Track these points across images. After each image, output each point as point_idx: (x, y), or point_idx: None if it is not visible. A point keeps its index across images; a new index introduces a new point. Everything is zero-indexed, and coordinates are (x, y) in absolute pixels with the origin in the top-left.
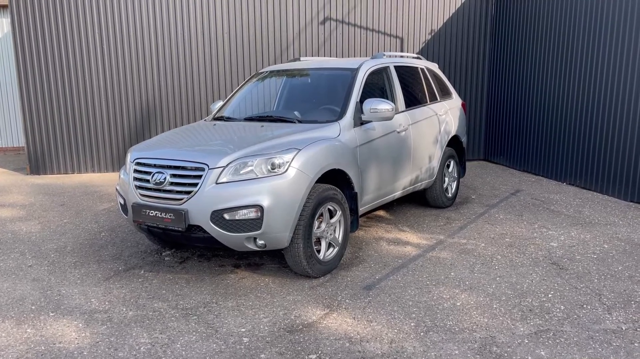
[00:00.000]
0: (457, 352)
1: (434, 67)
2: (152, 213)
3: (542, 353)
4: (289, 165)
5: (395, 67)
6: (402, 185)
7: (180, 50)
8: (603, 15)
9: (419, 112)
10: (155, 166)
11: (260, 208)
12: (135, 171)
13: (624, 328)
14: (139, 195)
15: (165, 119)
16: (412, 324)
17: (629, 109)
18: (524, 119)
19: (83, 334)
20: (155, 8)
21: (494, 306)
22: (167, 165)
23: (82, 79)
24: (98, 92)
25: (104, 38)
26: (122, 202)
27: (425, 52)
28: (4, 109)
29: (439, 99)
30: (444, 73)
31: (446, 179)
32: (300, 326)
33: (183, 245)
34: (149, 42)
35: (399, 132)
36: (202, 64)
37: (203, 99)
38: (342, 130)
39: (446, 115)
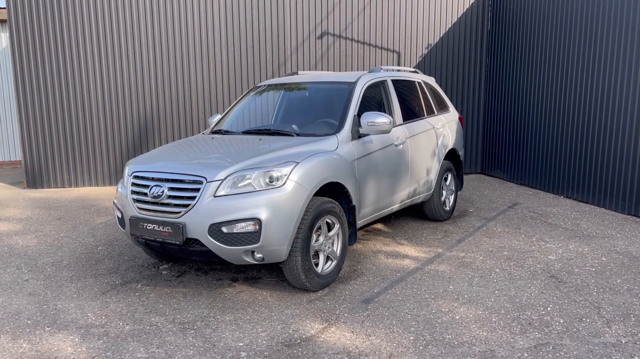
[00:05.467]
0: None
1: (431, 80)
2: (149, 226)
3: None
4: (287, 178)
5: (392, 80)
6: (400, 198)
7: (178, 64)
8: (599, 29)
9: (417, 125)
10: (153, 179)
11: (258, 221)
12: (133, 184)
13: (623, 341)
14: (137, 209)
15: (163, 133)
16: (411, 338)
17: (625, 122)
18: (520, 133)
19: (79, 349)
20: (154, 21)
21: (493, 319)
22: (165, 179)
23: (80, 93)
24: (96, 105)
25: (102, 52)
26: (120, 216)
27: (422, 66)
28: (1, 123)
29: (436, 113)
30: (441, 87)
31: (444, 192)
32: (299, 341)
33: (180, 259)
34: (147, 57)
35: (396, 145)
36: (200, 78)
37: (201, 113)
38: (340, 143)
39: (443, 128)
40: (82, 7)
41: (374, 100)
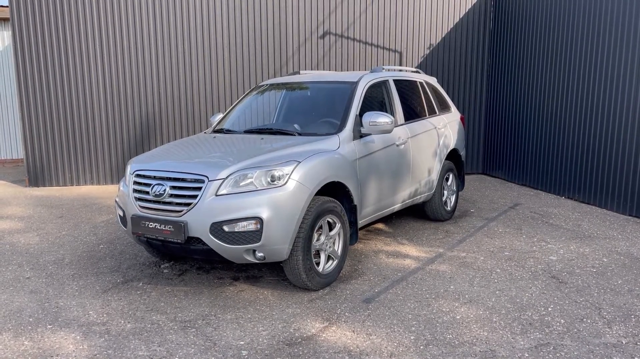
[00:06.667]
0: None
1: (433, 80)
2: (151, 225)
3: None
4: (289, 178)
5: (394, 80)
6: (402, 198)
7: (180, 63)
8: (601, 28)
9: (418, 125)
10: (155, 178)
11: (259, 220)
12: (135, 183)
13: (624, 342)
14: (139, 207)
15: (165, 132)
16: (411, 337)
17: (627, 122)
18: (522, 133)
19: (81, 347)
20: (156, 20)
21: (494, 319)
22: (167, 177)
23: (82, 91)
24: (98, 104)
25: (105, 51)
26: (122, 214)
27: (424, 66)
28: (4, 121)
29: (437, 113)
30: (442, 87)
31: (445, 192)
32: (300, 339)
33: (182, 257)
34: (150, 55)
35: (398, 145)
36: (202, 77)
37: (203, 112)
38: (342, 143)
39: (445, 128)
40: (85, 6)
41: (375, 100)
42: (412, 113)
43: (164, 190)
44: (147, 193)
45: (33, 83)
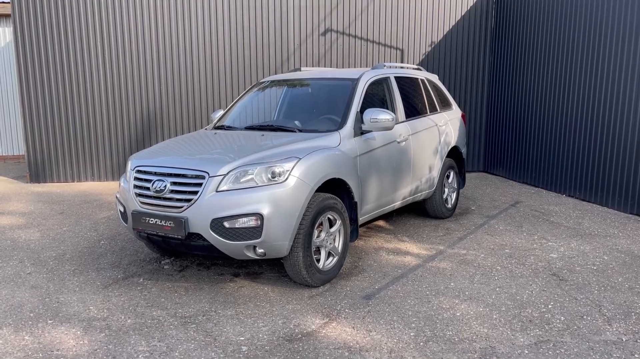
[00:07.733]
0: None
1: (434, 78)
2: (152, 220)
3: None
4: (289, 174)
5: (395, 77)
6: (402, 195)
7: (181, 60)
8: (604, 25)
9: (419, 122)
10: (155, 174)
11: (260, 216)
12: (136, 179)
13: (624, 339)
14: (139, 203)
15: (166, 128)
16: (411, 334)
17: (629, 121)
18: (523, 131)
19: (81, 342)
20: (157, 18)
21: (494, 316)
22: (168, 173)
23: (84, 88)
24: (99, 100)
25: (106, 47)
26: (122, 210)
27: (426, 64)
28: (5, 117)
29: (439, 110)
30: (444, 84)
31: (446, 190)
32: (300, 335)
33: (182, 254)
34: (151, 52)
35: (399, 142)
36: (203, 74)
37: (204, 108)
38: (343, 140)
39: (446, 126)
40: (86, 2)
41: (376, 96)
42: (413, 110)
43: (165, 186)
44: (148, 189)
45: (34, 79)
